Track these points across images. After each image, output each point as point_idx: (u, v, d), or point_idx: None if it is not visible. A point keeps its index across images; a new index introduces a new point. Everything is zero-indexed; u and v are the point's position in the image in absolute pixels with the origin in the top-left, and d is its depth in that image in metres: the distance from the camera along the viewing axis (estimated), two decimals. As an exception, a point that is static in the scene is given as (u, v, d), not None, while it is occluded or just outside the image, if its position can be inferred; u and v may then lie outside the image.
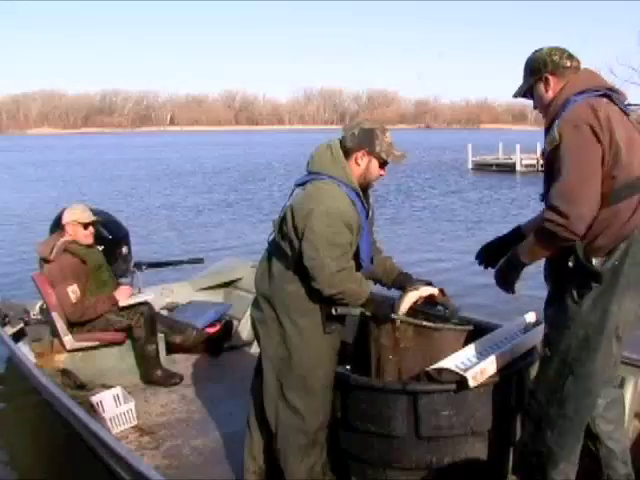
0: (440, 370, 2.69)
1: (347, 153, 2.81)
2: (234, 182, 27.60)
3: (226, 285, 6.07)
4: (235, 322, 5.44)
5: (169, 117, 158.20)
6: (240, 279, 5.92)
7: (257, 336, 2.99)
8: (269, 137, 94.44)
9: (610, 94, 2.49)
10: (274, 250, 2.89)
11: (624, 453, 2.75)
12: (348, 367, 3.02)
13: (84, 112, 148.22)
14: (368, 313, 2.82)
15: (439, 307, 3.06)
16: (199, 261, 6.24)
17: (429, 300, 3.03)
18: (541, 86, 2.61)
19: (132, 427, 3.94)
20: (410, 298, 2.98)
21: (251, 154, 49.96)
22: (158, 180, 28.65)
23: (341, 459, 3.10)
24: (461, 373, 2.63)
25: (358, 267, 2.84)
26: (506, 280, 2.60)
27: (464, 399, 2.69)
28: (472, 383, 2.61)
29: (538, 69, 2.60)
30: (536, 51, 2.66)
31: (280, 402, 2.88)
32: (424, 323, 2.86)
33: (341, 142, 2.83)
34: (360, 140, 2.79)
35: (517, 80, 2.75)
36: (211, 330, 5.28)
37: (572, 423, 2.50)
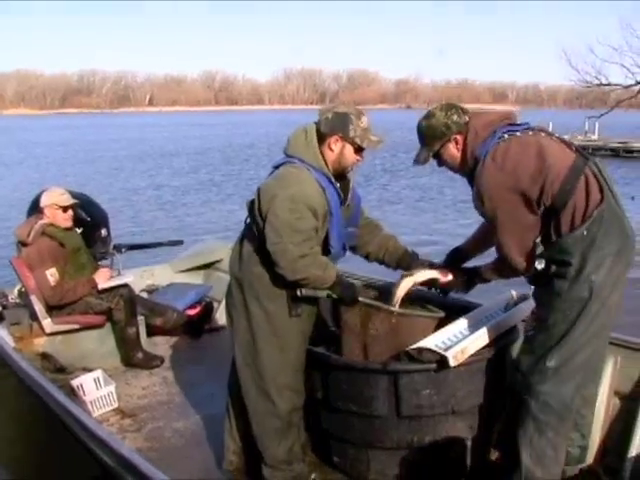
0: (420, 349, 2.70)
1: (322, 138, 2.75)
2: (219, 162, 27.42)
3: (206, 267, 6.04)
4: (215, 304, 5.42)
5: (148, 98, 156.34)
6: (220, 261, 5.89)
7: (230, 320, 2.97)
8: (250, 117, 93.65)
9: (507, 128, 2.63)
10: (246, 232, 2.87)
11: (585, 427, 2.87)
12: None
13: (61, 92, 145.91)
14: (334, 295, 2.79)
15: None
16: (178, 243, 6.19)
17: (428, 284, 3.04)
18: (451, 147, 2.73)
19: (113, 410, 3.93)
20: (404, 285, 2.96)
21: (233, 134, 49.58)
22: (141, 161, 28.39)
23: (322, 439, 3.12)
24: (441, 352, 2.64)
25: (327, 253, 2.80)
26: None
27: (445, 378, 2.71)
28: (453, 362, 2.63)
29: (443, 133, 2.70)
30: (429, 117, 2.74)
31: (253, 387, 2.88)
32: (391, 308, 2.86)
33: (317, 126, 2.78)
34: (333, 125, 2.72)
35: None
36: (191, 312, 5.27)
37: (556, 392, 2.55)
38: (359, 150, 2.77)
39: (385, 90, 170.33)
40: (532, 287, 2.81)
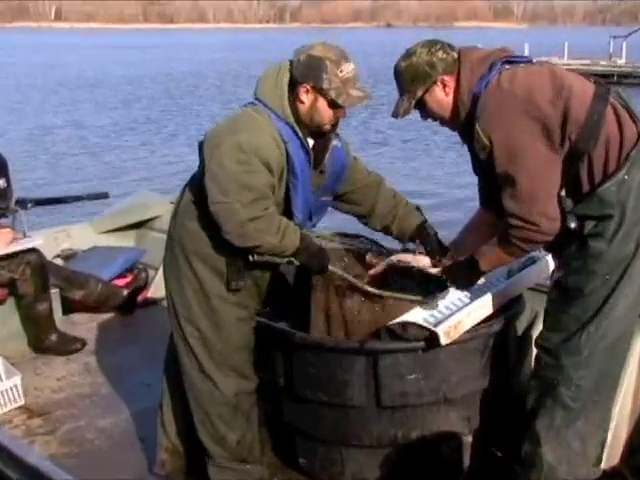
0: (405, 325, 2.71)
1: (293, 84, 2.71)
2: (156, 95, 27.30)
3: (139, 226, 6.00)
4: (151, 272, 5.39)
5: (53, 11, 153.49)
6: (156, 218, 5.85)
7: (166, 286, 2.96)
8: (191, 38, 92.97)
9: (506, 60, 2.65)
10: (193, 178, 2.85)
11: None
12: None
13: None
14: (297, 262, 2.77)
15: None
16: (103, 196, 6.09)
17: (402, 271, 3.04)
18: (437, 91, 2.73)
19: (18, 408, 3.89)
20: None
21: (172, 59, 49.16)
22: (53, 92, 28.01)
23: (285, 436, 3.13)
24: (431, 328, 2.65)
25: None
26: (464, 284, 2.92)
27: (435, 360, 2.73)
28: (444, 340, 2.63)
29: (427, 74, 2.71)
30: (408, 56, 2.74)
31: (190, 365, 2.88)
32: (365, 287, 2.88)
33: (291, 67, 2.72)
34: (305, 71, 2.67)
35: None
36: (120, 282, 5.26)
37: (592, 373, 2.60)
38: (336, 105, 2.72)
39: (359, 5, 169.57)
40: (540, 252, 2.84)
